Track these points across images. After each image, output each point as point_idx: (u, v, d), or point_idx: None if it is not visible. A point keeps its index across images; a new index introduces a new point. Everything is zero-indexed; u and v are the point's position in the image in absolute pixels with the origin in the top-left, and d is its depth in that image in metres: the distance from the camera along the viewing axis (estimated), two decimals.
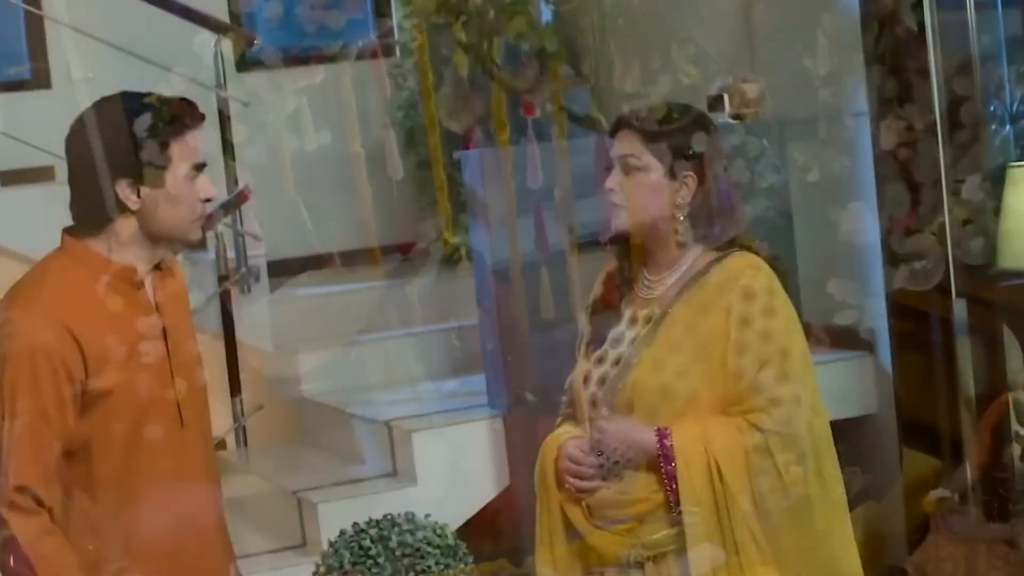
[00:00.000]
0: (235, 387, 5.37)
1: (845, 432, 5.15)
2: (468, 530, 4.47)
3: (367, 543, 3.73)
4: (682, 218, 2.98)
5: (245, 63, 6.49)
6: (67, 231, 2.93)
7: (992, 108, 4.88)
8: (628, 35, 6.14)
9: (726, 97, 4.85)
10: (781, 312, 2.94)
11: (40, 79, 6.30)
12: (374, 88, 6.60)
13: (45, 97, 6.21)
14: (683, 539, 2.90)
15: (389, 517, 3.80)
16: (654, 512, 2.94)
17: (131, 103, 2.87)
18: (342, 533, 3.84)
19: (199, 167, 2.92)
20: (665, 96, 4.80)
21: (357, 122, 6.60)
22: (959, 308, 4.87)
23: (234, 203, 5.27)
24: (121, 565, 2.84)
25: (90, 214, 2.87)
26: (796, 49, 5.27)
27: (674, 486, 2.90)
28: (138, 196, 2.85)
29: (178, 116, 2.88)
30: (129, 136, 2.80)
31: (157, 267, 2.96)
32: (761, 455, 2.87)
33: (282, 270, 6.09)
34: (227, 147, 5.44)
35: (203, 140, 2.94)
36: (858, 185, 5.10)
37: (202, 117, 2.94)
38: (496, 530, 4.55)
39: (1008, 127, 4.85)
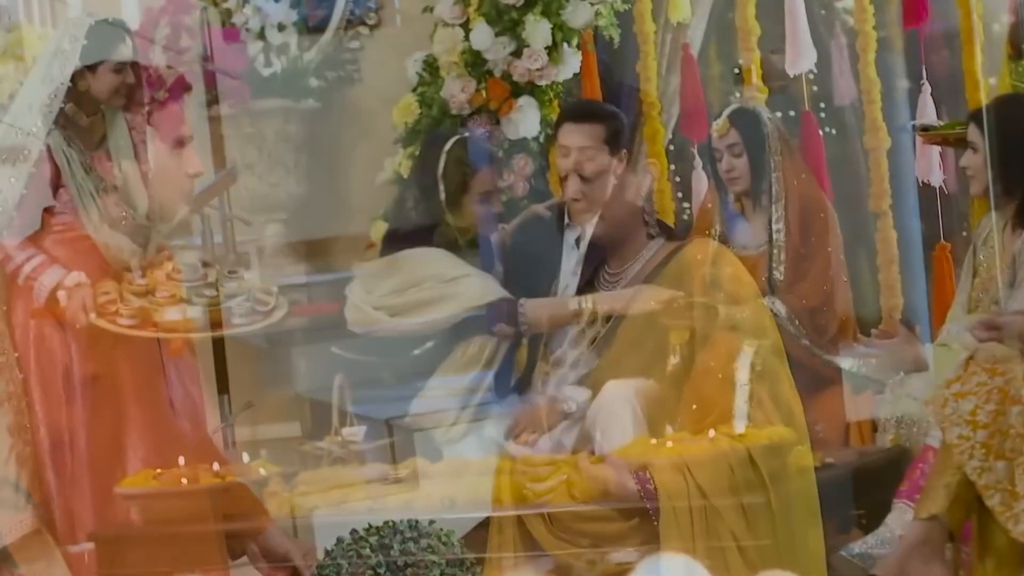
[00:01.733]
0: (223, 384, 5.18)
1: None
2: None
3: (367, 552, 3.65)
4: (650, 208, 2.93)
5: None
6: (48, 211, 2.89)
7: None
8: None
9: (753, 70, 4.59)
10: (748, 300, 2.87)
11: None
12: (373, 61, 6.45)
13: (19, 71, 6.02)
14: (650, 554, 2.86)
15: (390, 524, 3.71)
16: (623, 530, 2.88)
17: (115, 70, 2.90)
18: (339, 541, 3.76)
19: (184, 140, 2.69)
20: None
21: (356, 98, 6.44)
22: None
23: (221, 184, 5.05)
24: (111, 557, 2.83)
25: (73, 192, 2.86)
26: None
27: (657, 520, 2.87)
28: (119, 171, 2.74)
29: (160, 84, 2.65)
30: (109, 107, 2.61)
31: (146, 248, 2.88)
32: (745, 468, 2.81)
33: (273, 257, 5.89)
34: (214, 124, 5.23)
35: (188, 113, 2.74)
36: (897, 165, 4.92)
37: (188, 87, 2.77)
38: None
39: None
